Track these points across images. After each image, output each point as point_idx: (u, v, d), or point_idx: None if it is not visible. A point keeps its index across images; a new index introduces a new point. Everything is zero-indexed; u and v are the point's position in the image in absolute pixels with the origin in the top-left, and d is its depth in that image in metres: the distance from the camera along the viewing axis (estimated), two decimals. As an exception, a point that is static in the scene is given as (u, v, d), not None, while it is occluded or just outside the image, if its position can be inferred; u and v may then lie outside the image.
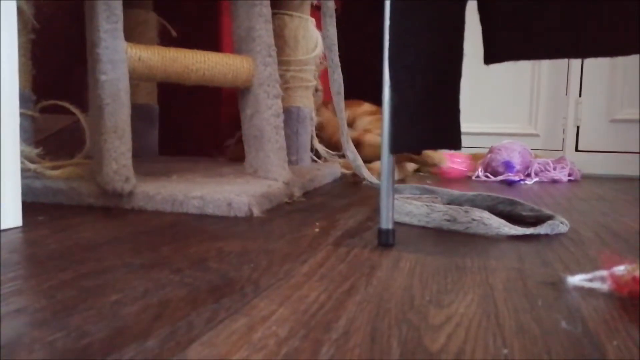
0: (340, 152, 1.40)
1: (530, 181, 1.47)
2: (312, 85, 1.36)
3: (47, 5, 1.36)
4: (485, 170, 1.54)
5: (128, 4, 1.06)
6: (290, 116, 1.29)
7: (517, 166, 1.51)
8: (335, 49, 0.83)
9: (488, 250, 0.63)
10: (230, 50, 1.13)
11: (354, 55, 1.83)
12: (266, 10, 1.00)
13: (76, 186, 0.90)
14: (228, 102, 1.65)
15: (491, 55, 0.69)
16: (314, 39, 1.33)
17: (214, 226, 0.74)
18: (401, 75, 0.60)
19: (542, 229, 0.71)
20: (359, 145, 1.51)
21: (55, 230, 0.69)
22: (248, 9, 0.99)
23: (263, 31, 0.99)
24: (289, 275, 0.51)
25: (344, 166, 1.42)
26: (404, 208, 0.79)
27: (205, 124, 1.66)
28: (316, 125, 1.43)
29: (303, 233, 0.70)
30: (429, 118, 0.60)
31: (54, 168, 0.96)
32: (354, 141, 1.49)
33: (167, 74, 0.92)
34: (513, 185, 1.39)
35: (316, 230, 0.73)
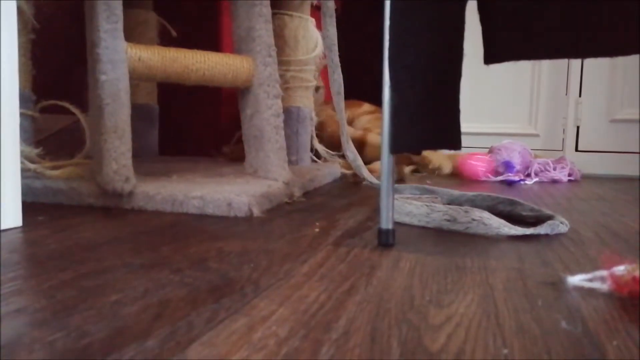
0: (340, 152, 1.40)
1: (530, 181, 1.47)
2: (312, 85, 1.36)
3: (47, 5, 1.37)
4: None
5: (128, 4, 1.06)
6: (290, 116, 1.29)
7: (517, 166, 1.50)
8: (335, 49, 0.83)
9: (488, 250, 0.63)
10: (230, 50, 1.13)
11: (354, 55, 1.83)
12: (266, 10, 1.00)
13: (76, 186, 0.90)
14: (228, 102, 1.65)
15: (491, 55, 0.69)
16: (314, 39, 1.33)
17: (214, 226, 0.74)
18: (401, 75, 0.60)
19: (542, 229, 0.71)
20: (362, 144, 1.51)
21: (55, 230, 0.69)
22: (248, 9, 0.99)
23: (263, 31, 0.99)
24: (289, 275, 0.51)
25: (344, 166, 1.42)
26: (404, 208, 0.79)
27: (205, 124, 1.66)
28: (316, 125, 1.44)
29: (303, 233, 0.70)
30: (429, 118, 0.60)
31: (54, 168, 0.96)
32: (357, 141, 1.49)
33: (167, 74, 0.93)
34: (513, 185, 1.39)
35: (316, 230, 0.73)
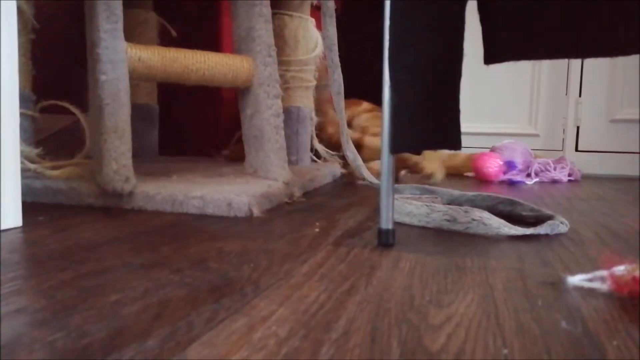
0: (340, 152, 1.40)
1: (530, 181, 1.47)
2: (312, 85, 1.36)
3: (47, 5, 1.36)
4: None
5: (128, 4, 1.06)
6: (290, 116, 1.29)
7: (519, 166, 1.51)
8: (335, 49, 0.82)
9: (488, 250, 0.63)
10: (230, 50, 1.13)
11: (354, 55, 1.83)
12: (266, 10, 1.00)
13: (76, 186, 0.90)
14: (228, 102, 1.65)
15: (491, 55, 0.68)
16: (314, 39, 1.33)
17: (214, 226, 0.74)
18: (401, 75, 0.60)
19: (542, 229, 0.71)
20: (359, 147, 1.51)
21: (55, 230, 0.69)
22: (248, 9, 0.99)
23: (263, 31, 0.99)
24: (289, 275, 0.51)
25: (343, 166, 1.41)
26: (404, 208, 0.79)
27: (205, 124, 1.66)
28: (316, 125, 1.43)
29: (303, 233, 0.70)
30: (429, 118, 0.60)
31: (54, 168, 0.96)
32: (354, 143, 1.49)
33: (167, 74, 0.92)
34: (514, 185, 1.39)
35: (316, 230, 0.73)
